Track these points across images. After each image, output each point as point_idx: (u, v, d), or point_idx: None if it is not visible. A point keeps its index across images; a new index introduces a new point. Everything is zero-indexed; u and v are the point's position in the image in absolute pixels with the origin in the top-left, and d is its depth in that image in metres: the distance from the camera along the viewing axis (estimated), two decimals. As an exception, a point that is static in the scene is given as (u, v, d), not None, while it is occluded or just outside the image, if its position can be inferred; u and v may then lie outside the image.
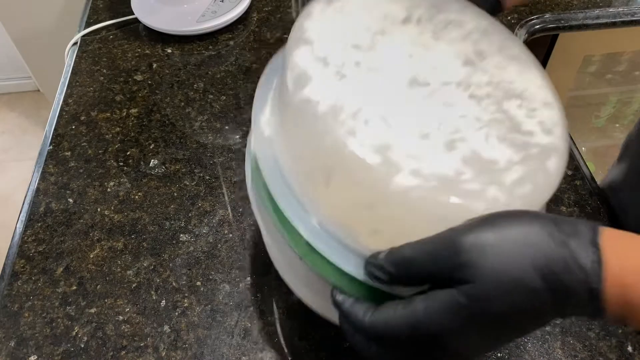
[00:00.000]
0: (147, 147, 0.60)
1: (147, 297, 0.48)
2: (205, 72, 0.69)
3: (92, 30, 0.74)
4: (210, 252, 0.51)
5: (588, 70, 1.03)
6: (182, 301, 0.48)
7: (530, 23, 0.76)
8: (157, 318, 0.47)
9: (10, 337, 0.46)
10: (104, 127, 0.63)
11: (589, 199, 0.55)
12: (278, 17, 0.77)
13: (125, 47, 0.73)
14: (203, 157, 0.60)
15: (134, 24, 0.76)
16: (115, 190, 0.56)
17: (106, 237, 0.53)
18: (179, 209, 0.55)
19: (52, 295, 0.49)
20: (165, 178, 0.57)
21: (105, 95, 0.66)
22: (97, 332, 0.46)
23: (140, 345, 0.46)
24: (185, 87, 0.67)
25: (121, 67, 0.70)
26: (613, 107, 1.16)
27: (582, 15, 0.78)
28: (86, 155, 0.60)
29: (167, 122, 0.63)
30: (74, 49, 0.73)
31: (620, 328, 0.47)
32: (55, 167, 0.59)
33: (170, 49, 0.73)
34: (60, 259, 0.51)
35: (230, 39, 0.74)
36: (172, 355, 0.45)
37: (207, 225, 0.53)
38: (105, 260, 0.51)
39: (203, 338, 0.46)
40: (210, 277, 0.50)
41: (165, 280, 0.50)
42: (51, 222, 0.54)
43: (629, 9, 0.78)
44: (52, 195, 0.56)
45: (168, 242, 0.52)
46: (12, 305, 0.48)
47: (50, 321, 0.47)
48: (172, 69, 0.70)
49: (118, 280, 0.50)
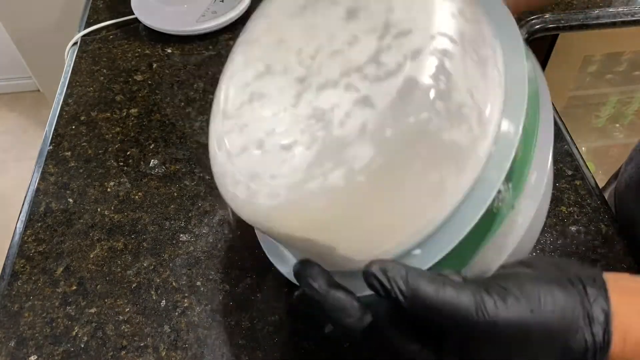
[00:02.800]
0: (147, 147, 0.60)
1: (147, 297, 0.48)
2: (205, 72, 0.69)
3: (92, 30, 0.74)
4: (210, 252, 0.51)
5: (588, 70, 1.03)
6: (182, 301, 0.48)
7: (530, 23, 0.76)
8: (157, 318, 0.47)
9: (10, 337, 0.46)
10: (104, 127, 0.63)
11: (589, 198, 0.55)
12: (278, 17, 0.77)
13: (125, 47, 0.73)
14: (203, 157, 0.60)
15: (134, 24, 0.76)
16: (115, 190, 0.56)
17: (106, 237, 0.53)
18: (179, 209, 0.55)
19: (52, 295, 0.49)
20: (165, 178, 0.57)
21: (105, 95, 0.66)
22: (97, 332, 0.46)
23: (140, 345, 0.46)
24: (185, 87, 0.67)
25: (121, 67, 0.70)
26: (613, 107, 1.16)
27: (582, 15, 0.78)
28: (86, 155, 0.60)
29: (167, 122, 0.63)
30: (74, 49, 0.73)
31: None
32: (55, 167, 0.59)
33: (170, 49, 0.73)
34: (60, 259, 0.51)
35: (230, 39, 0.74)
36: (172, 355, 0.45)
37: (207, 225, 0.53)
38: (105, 260, 0.51)
39: (203, 338, 0.46)
40: (210, 277, 0.50)
41: (165, 280, 0.50)
42: (51, 222, 0.54)
43: (629, 9, 0.78)
44: (52, 195, 0.56)
45: (168, 242, 0.52)
46: (12, 305, 0.48)
47: (50, 321, 0.47)
48: (172, 69, 0.70)
49: (118, 280, 0.50)
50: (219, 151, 0.33)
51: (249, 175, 0.30)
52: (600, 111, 1.17)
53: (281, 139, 0.30)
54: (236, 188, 0.31)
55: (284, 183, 0.28)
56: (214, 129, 0.35)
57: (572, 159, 0.59)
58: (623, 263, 0.50)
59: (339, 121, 0.28)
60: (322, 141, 0.28)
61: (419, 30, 0.27)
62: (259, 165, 0.30)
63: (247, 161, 0.31)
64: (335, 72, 0.30)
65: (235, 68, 0.37)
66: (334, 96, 0.29)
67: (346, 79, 0.29)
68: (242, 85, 0.35)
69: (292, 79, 0.32)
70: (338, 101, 0.28)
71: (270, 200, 0.29)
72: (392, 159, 0.26)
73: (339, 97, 0.29)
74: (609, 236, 0.52)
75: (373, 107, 0.27)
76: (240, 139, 0.32)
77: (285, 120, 0.30)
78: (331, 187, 0.26)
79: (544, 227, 0.53)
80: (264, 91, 0.33)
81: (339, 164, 0.26)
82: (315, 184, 0.27)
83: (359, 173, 0.26)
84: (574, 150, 0.60)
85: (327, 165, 0.27)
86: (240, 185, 0.31)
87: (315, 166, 0.27)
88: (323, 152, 0.27)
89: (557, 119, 0.63)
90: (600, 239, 0.52)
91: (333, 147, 0.27)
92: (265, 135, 0.31)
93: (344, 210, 0.28)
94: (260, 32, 0.37)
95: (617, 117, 1.19)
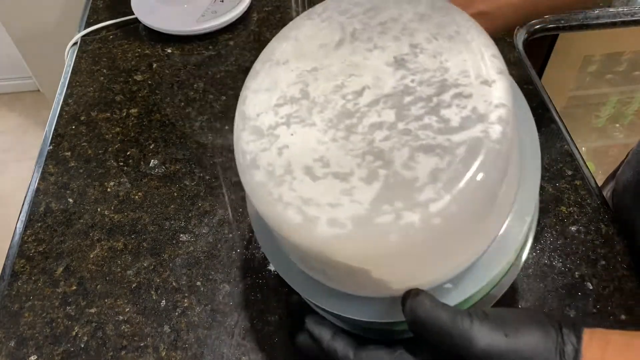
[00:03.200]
0: (147, 147, 0.60)
1: (147, 297, 0.48)
2: (205, 72, 0.69)
3: (92, 30, 0.74)
4: (210, 252, 0.51)
5: (588, 70, 1.03)
6: (182, 301, 0.48)
7: (530, 23, 0.76)
8: (157, 318, 0.47)
9: (10, 337, 0.46)
10: (104, 127, 0.63)
11: (589, 198, 0.55)
12: (278, 17, 0.77)
13: (125, 47, 0.73)
14: (203, 157, 0.60)
15: (134, 24, 0.76)
16: (115, 190, 0.56)
17: (106, 237, 0.53)
18: (179, 209, 0.55)
19: (52, 295, 0.49)
20: (165, 178, 0.57)
21: (105, 95, 0.66)
22: (97, 332, 0.46)
23: (140, 345, 0.46)
24: (185, 87, 0.67)
25: (121, 67, 0.70)
26: (613, 107, 1.16)
27: (582, 15, 0.78)
28: (86, 155, 0.60)
29: (167, 122, 0.63)
30: (74, 49, 0.73)
31: None
32: (55, 167, 0.59)
33: (170, 49, 0.73)
34: (60, 259, 0.51)
35: (230, 39, 0.74)
36: (172, 355, 0.45)
37: (207, 225, 0.53)
38: (105, 260, 0.51)
39: (203, 338, 0.46)
40: (210, 277, 0.50)
41: (165, 280, 0.50)
42: (51, 222, 0.54)
43: (629, 9, 0.78)
44: (52, 195, 0.56)
45: (168, 242, 0.52)
46: (12, 305, 0.48)
47: (50, 321, 0.47)
48: (172, 69, 0.70)
49: (118, 280, 0.50)
50: (255, 170, 0.33)
51: (300, 199, 0.31)
52: (600, 111, 1.17)
53: (333, 169, 0.31)
54: (286, 210, 0.31)
55: (348, 214, 0.30)
56: (245, 142, 0.35)
57: (572, 159, 0.59)
58: (623, 263, 0.50)
59: (402, 163, 0.30)
60: (386, 179, 0.30)
61: (480, 96, 0.31)
62: (311, 191, 0.31)
63: (295, 184, 0.32)
64: (389, 115, 0.32)
65: (261, 85, 0.37)
66: (393, 138, 0.31)
67: (403, 124, 0.32)
68: (274, 106, 0.36)
69: (337, 112, 0.34)
70: (397, 144, 0.31)
71: (334, 229, 0.30)
72: (464, 206, 0.29)
73: (398, 140, 0.31)
74: (609, 236, 0.52)
75: (440, 157, 0.30)
76: (280, 160, 0.33)
77: (335, 151, 0.32)
78: (405, 225, 0.28)
79: (544, 227, 0.53)
80: (303, 117, 0.34)
81: (412, 205, 0.29)
82: (386, 220, 0.29)
83: (435, 216, 0.28)
84: (574, 150, 0.60)
85: (398, 204, 0.29)
86: (291, 207, 0.31)
87: (383, 203, 0.29)
88: (390, 190, 0.29)
89: (557, 119, 0.63)
90: (600, 239, 0.52)
91: (401, 187, 0.29)
92: (312, 162, 0.32)
93: (415, 248, 0.30)
94: (290, 55, 0.38)
95: (617, 117, 1.19)
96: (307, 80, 0.36)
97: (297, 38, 0.38)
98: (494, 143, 0.29)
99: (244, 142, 0.35)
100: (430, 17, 0.36)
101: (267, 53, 0.39)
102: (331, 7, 0.39)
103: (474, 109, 0.31)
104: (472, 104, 0.31)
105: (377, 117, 0.33)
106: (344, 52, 0.36)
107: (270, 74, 0.37)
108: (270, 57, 0.38)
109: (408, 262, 0.32)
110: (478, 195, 0.29)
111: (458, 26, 0.35)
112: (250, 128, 0.35)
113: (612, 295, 0.48)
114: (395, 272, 0.32)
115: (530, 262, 0.50)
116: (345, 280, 0.34)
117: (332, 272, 0.33)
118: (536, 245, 0.52)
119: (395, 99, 0.33)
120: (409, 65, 0.34)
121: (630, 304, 0.47)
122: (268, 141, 0.34)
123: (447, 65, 0.33)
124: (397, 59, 0.35)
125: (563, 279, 0.49)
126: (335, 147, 0.32)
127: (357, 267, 0.31)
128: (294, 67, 0.37)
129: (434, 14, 0.36)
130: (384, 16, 0.37)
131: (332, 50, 0.37)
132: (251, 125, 0.35)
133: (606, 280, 0.49)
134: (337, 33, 0.37)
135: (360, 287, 0.34)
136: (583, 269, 0.50)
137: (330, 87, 0.35)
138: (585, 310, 0.47)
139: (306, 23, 0.39)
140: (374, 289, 0.33)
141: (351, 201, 0.30)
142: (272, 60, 0.38)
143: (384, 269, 0.32)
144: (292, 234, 0.31)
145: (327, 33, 0.38)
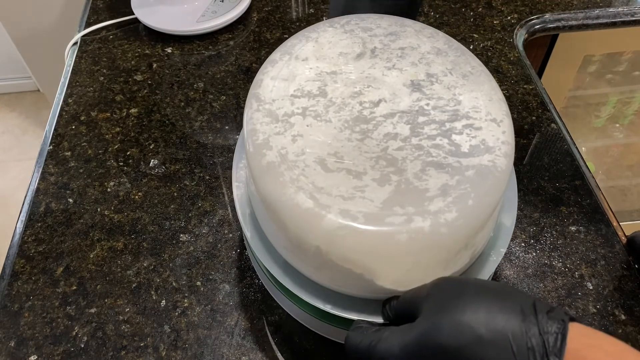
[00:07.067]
0: (147, 147, 0.60)
1: (147, 297, 0.48)
2: (205, 72, 0.69)
3: (92, 30, 0.74)
4: (210, 252, 0.51)
5: (588, 70, 1.03)
6: (182, 301, 0.48)
7: (530, 23, 0.76)
8: (157, 318, 0.47)
9: (10, 337, 0.46)
10: (104, 127, 0.63)
11: (589, 198, 0.55)
12: (278, 17, 0.77)
13: (125, 47, 0.73)
14: (203, 157, 0.60)
15: (134, 24, 0.76)
16: (115, 190, 0.56)
17: (106, 237, 0.53)
18: (179, 209, 0.55)
19: (52, 295, 0.49)
20: (165, 178, 0.57)
21: (105, 95, 0.66)
22: (97, 332, 0.46)
23: (140, 345, 0.46)
24: (185, 87, 0.67)
25: (121, 67, 0.70)
26: (613, 107, 1.16)
27: (582, 15, 0.78)
28: (86, 155, 0.60)
29: (167, 122, 0.63)
30: (74, 49, 0.73)
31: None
32: (55, 167, 0.59)
33: (170, 49, 0.73)
34: (60, 259, 0.51)
35: (230, 39, 0.74)
36: (172, 355, 0.45)
37: (207, 225, 0.53)
38: (105, 260, 0.51)
39: (203, 338, 0.46)
40: (210, 277, 0.50)
41: (165, 280, 0.50)
42: (51, 222, 0.54)
43: (629, 9, 0.78)
44: (52, 195, 0.56)
45: (168, 242, 0.52)
46: (12, 305, 0.48)
47: (50, 321, 0.47)
48: (172, 69, 0.70)
49: (118, 280, 0.50)
50: (267, 150, 0.34)
51: (313, 185, 0.32)
52: (600, 111, 1.17)
53: (347, 165, 0.33)
54: (297, 194, 0.32)
55: (360, 209, 0.31)
56: (258, 123, 0.36)
57: (572, 159, 0.59)
58: (623, 263, 0.50)
59: (414, 174, 0.33)
60: (398, 184, 0.32)
61: (489, 131, 0.35)
62: (324, 181, 0.33)
63: (309, 172, 0.33)
64: (404, 129, 0.35)
65: (279, 74, 0.39)
66: (406, 150, 0.34)
67: (417, 139, 0.35)
68: (290, 96, 0.37)
69: (354, 115, 0.36)
70: (410, 157, 0.34)
71: (345, 220, 0.31)
72: (468, 221, 0.32)
73: (411, 153, 0.34)
74: (609, 236, 0.52)
75: (450, 175, 0.33)
76: (294, 147, 0.34)
77: (349, 150, 0.34)
78: (416, 228, 0.31)
79: (544, 227, 0.53)
80: (320, 112, 0.36)
81: (423, 211, 0.31)
82: (397, 220, 0.31)
83: (443, 226, 0.31)
84: (574, 150, 0.60)
85: (410, 209, 0.31)
86: (302, 192, 0.32)
87: (394, 204, 0.32)
88: (401, 195, 0.32)
89: (557, 119, 0.63)
90: (600, 239, 0.52)
91: (413, 194, 0.32)
92: (326, 155, 0.34)
93: (419, 251, 0.32)
94: (310, 54, 0.40)
95: (617, 117, 1.19)
96: (325, 80, 0.38)
97: (317, 40, 0.40)
98: (499, 173, 0.33)
99: (258, 122, 0.36)
100: (446, 54, 0.40)
101: (286, 47, 0.41)
102: (354, 21, 0.42)
103: (484, 140, 0.34)
104: (481, 136, 0.34)
105: (392, 129, 0.35)
106: (363, 64, 0.39)
107: (289, 65, 0.39)
108: (290, 51, 0.40)
109: (408, 263, 0.33)
110: (479, 214, 0.32)
111: (472, 68, 0.39)
112: (265, 110, 0.36)
113: (612, 295, 0.48)
114: (393, 272, 0.33)
115: (530, 262, 0.50)
116: (336, 276, 0.34)
117: (328, 264, 0.33)
118: (536, 245, 0.52)
119: (410, 116, 0.36)
120: (424, 90, 0.37)
121: (630, 304, 0.47)
122: (282, 126, 0.35)
123: (460, 99, 0.36)
124: (414, 83, 0.38)
125: (563, 279, 0.49)
126: (351, 146, 0.34)
127: (359, 260, 0.32)
128: (314, 66, 0.39)
129: (450, 52, 0.40)
130: (403, 43, 0.40)
131: (352, 60, 0.39)
132: (266, 108, 0.37)
133: (606, 280, 0.49)
134: (358, 46, 0.40)
135: (349, 283, 0.34)
136: (583, 269, 0.50)
137: (349, 92, 0.37)
138: (586, 310, 0.47)
139: (328, 29, 0.41)
140: (364, 287, 0.34)
141: (363, 198, 0.32)
142: (292, 55, 0.40)
143: (383, 268, 0.33)
144: (300, 219, 0.32)
145: (348, 43, 0.40)
